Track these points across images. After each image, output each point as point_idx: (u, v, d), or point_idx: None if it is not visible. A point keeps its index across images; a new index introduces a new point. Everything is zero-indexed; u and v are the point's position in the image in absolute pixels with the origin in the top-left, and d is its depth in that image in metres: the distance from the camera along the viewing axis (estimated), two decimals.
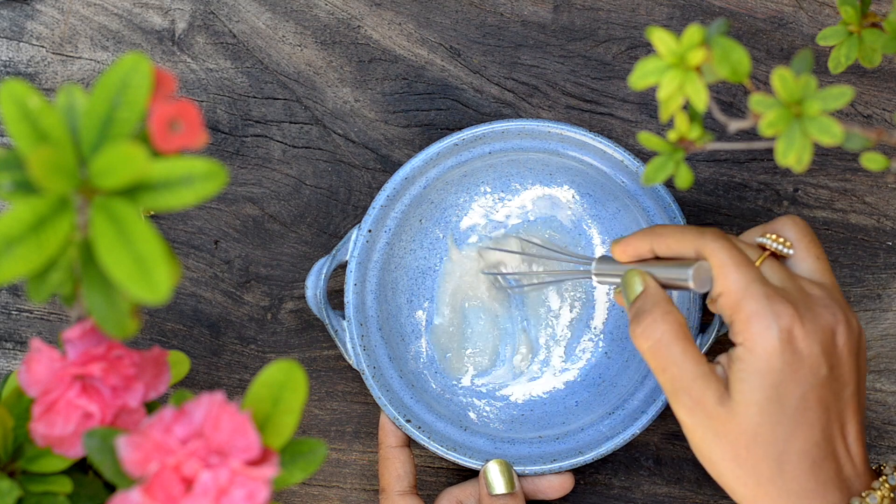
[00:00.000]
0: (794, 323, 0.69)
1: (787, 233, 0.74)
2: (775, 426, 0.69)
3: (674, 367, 0.71)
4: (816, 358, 0.69)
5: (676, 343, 0.71)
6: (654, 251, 0.75)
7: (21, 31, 0.88)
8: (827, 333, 0.70)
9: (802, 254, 0.74)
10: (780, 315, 0.69)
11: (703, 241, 0.72)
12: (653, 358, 0.71)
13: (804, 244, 0.74)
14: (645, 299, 0.73)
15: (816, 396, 0.69)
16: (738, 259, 0.71)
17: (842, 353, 0.70)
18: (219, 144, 0.88)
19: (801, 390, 0.69)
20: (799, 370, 0.69)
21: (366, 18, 0.88)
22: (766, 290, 0.70)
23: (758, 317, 0.69)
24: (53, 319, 0.88)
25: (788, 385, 0.68)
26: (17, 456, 0.67)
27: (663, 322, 0.71)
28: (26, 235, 0.56)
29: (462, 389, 0.87)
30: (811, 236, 0.74)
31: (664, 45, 0.63)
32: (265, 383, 0.63)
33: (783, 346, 0.69)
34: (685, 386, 0.70)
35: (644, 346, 0.72)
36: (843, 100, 0.62)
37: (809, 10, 0.88)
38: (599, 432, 0.84)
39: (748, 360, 0.69)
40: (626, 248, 0.76)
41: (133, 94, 0.58)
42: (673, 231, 0.74)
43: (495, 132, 0.83)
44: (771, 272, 0.72)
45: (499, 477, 0.82)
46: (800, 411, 0.69)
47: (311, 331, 0.88)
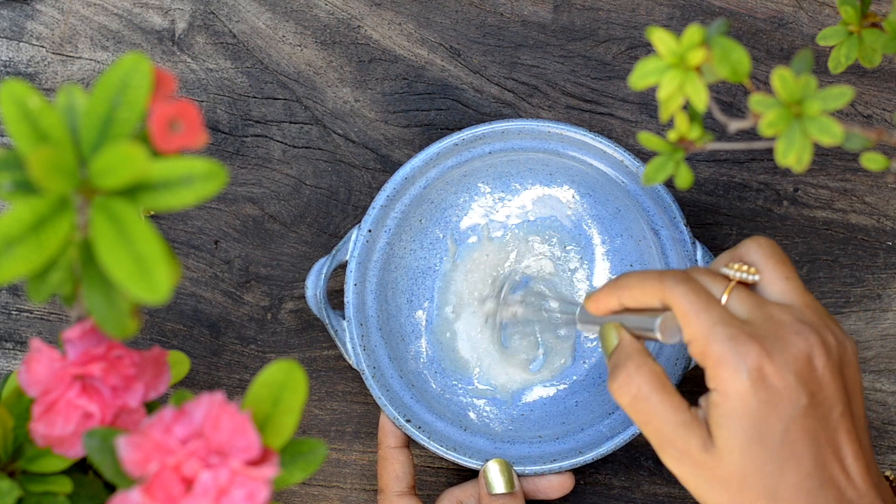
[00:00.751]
0: (763, 360, 0.67)
1: (752, 257, 0.72)
2: (762, 465, 0.68)
3: (655, 418, 0.70)
4: (793, 389, 0.67)
5: (654, 394, 0.70)
6: (623, 304, 0.73)
7: (21, 31, 0.88)
8: (801, 361, 0.68)
9: (770, 276, 0.71)
10: (746, 354, 0.67)
11: (662, 289, 0.70)
12: (633, 412, 0.71)
13: (770, 266, 0.71)
14: (619, 354, 0.72)
15: (800, 427, 0.67)
16: (698, 303, 0.69)
17: (822, 376, 0.68)
18: (219, 144, 0.88)
19: (782, 425, 0.67)
20: (777, 405, 0.67)
21: (366, 18, 0.88)
22: (729, 331, 0.68)
23: (724, 361, 0.67)
24: (53, 319, 0.88)
25: (768, 422, 0.67)
26: (17, 456, 0.67)
27: (638, 375, 0.70)
28: (26, 235, 0.56)
29: (462, 390, 0.87)
30: (778, 256, 0.72)
31: (664, 45, 0.63)
32: (265, 383, 0.63)
33: (755, 386, 0.67)
34: (669, 437, 0.69)
35: (623, 402, 0.71)
36: (843, 100, 0.62)
37: (809, 10, 0.88)
38: (599, 432, 0.84)
39: (723, 404, 0.68)
40: (596, 303, 0.75)
41: (133, 94, 0.58)
42: (636, 281, 0.72)
43: (495, 132, 0.83)
44: (738, 304, 0.70)
45: (499, 477, 0.82)
46: (785, 445, 0.67)
47: (311, 331, 0.88)
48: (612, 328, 0.74)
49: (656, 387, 0.70)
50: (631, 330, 0.73)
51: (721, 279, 0.71)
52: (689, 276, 0.71)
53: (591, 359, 0.87)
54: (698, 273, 0.72)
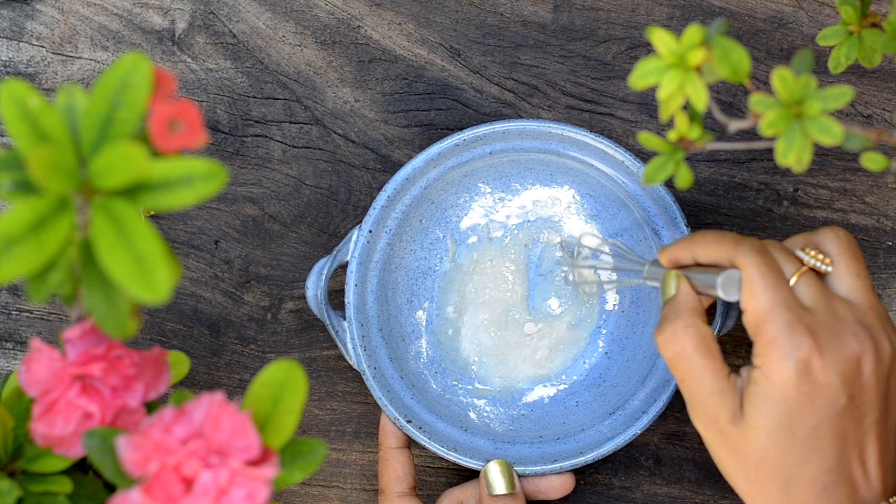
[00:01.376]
0: (813, 354, 0.68)
1: (828, 246, 0.72)
2: (785, 452, 0.68)
3: (692, 380, 0.70)
4: (835, 389, 0.68)
5: (696, 356, 0.70)
6: (695, 258, 0.74)
7: (21, 31, 0.88)
8: (850, 362, 0.68)
9: (842, 270, 0.72)
10: (798, 345, 0.68)
11: (736, 251, 0.70)
12: (674, 367, 0.71)
13: (844, 260, 0.72)
14: (672, 306, 0.73)
15: (831, 426, 0.68)
16: (768, 277, 0.69)
17: (867, 381, 0.69)
18: (219, 144, 0.88)
19: (815, 420, 0.68)
20: (815, 401, 0.68)
21: (366, 18, 0.88)
22: (789, 315, 0.68)
23: (776, 344, 0.68)
24: (53, 319, 0.88)
25: (802, 415, 0.68)
26: (17, 456, 0.67)
27: (685, 334, 0.71)
28: (26, 235, 0.56)
29: (463, 390, 0.87)
30: (853, 252, 0.72)
31: (664, 45, 0.63)
32: (265, 383, 0.63)
33: (799, 378, 0.68)
34: (702, 400, 0.70)
35: (666, 355, 0.72)
36: (843, 100, 0.62)
37: (809, 10, 0.88)
38: (600, 432, 0.84)
39: (763, 385, 0.68)
40: (669, 254, 0.75)
41: (133, 94, 0.58)
42: (712, 238, 0.72)
43: (496, 132, 0.83)
44: (805, 289, 0.70)
45: (499, 477, 0.82)
46: (812, 439, 0.68)
47: (311, 331, 0.88)
48: (675, 276, 0.74)
49: (700, 349, 0.71)
50: (693, 284, 0.73)
51: (794, 260, 0.71)
52: (765, 248, 0.71)
53: (591, 359, 0.87)
54: (774, 247, 0.72)
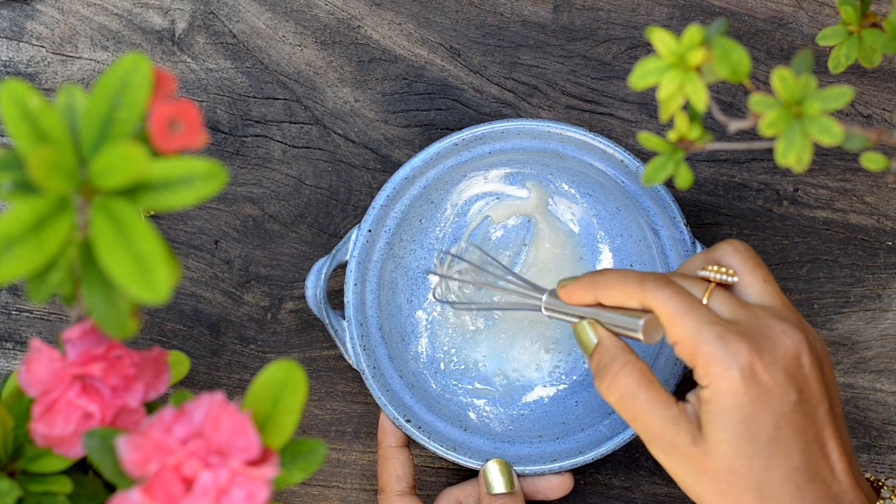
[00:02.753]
0: (753, 357, 0.68)
1: (729, 259, 0.73)
2: (751, 459, 0.69)
3: (643, 415, 0.71)
4: (783, 386, 0.69)
5: (641, 392, 0.71)
6: (597, 299, 0.74)
7: (21, 31, 0.88)
8: (789, 359, 0.69)
9: (748, 279, 0.73)
10: (737, 353, 0.68)
11: (644, 292, 0.71)
12: (622, 410, 0.72)
13: (748, 269, 0.73)
14: (602, 353, 0.73)
15: (789, 423, 0.69)
16: (683, 305, 0.70)
17: (809, 373, 0.70)
18: (219, 144, 0.88)
19: (772, 420, 0.68)
20: (767, 402, 0.68)
21: (366, 18, 0.88)
22: (718, 329, 0.69)
23: (715, 359, 0.68)
24: (53, 319, 0.88)
25: (759, 418, 0.68)
26: (17, 456, 0.67)
27: (623, 374, 0.72)
28: (26, 235, 0.56)
29: (462, 390, 0.87)
30: (754, 259, 0.73)
31: (664, 45, 0.63)
32: (265, 383, 0.63)
33: (747, 383, 0.68)
34: (658, 432, 0.71)
35: (612, 400, 0.72)
36: (843, 100, 0.62)
37: (809, 10, 0.88)
38: (599, 432, 0.84)
39: (714, 401, 0.69)
40: (570, 294, 0.75)
41: (133, 94, 0.58)
42: (616, 280, 0.73)
43: (495, 132, 0.83)
44: (720, 305, 0.71)
45: (498, 476, 0.82)
46: (774, 440, 0.68)
47: (311, 331, 0.88)
48: (589, 325, 0.74)
49: (643, 384, 0.71)
50: (608, 326, 0.74)
51: (699, 282, 0.72)
52: (669, 280, 0.72)
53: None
54: (676, 276, 0.73)
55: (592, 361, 0.74)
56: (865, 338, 0.88)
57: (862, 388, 0.88)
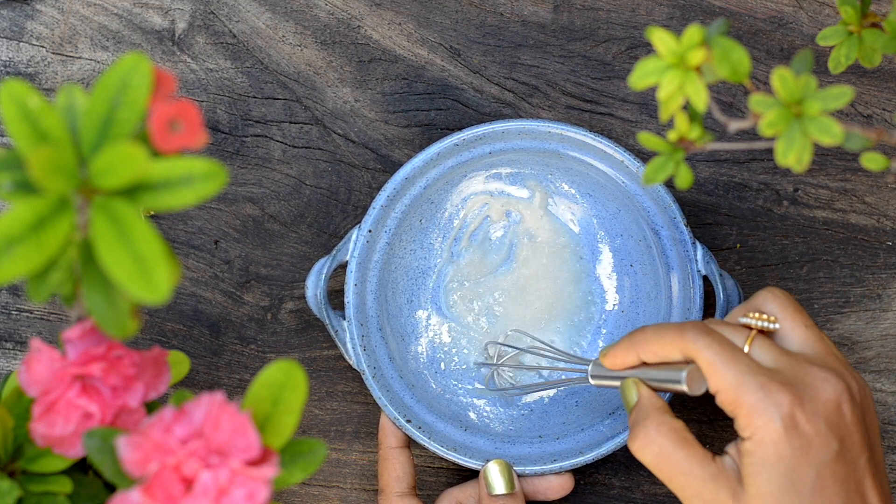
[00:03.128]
0: (795, 407, 0.68)
1: (768, 307, 0.73)
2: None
3: (681, 475, 0.70)
4: (825, 436, 0.68)
5: (677, 451, 0.70)
6: (640, 359, 0.74)
7: (21, 31, 0.88)
8: (830, 408, 0.69)
9: (789, 325, 0.72)
10: (779, 403, 0.68)
11: (684, 342, 0.71)
12: (657, 470, 0.71)
13: (788, 315, 0.73)
14: (638, 412, 0.73)
15: (831, 473, 0.68)
16: (724, 354, 0.70)
17: (850, 423, 0.69)
18: (219, 144, 0.88)
19: (814, 471, 0.68)
20: (809, 452, 0.68)
21: (366, 18, 0.88)
22: (760, 379, 0.69)
23: (758, 410, 0.68)
24: (53, 319, 0.88)
25: (801, 469, 0.68)
26: (17, 456, 0.67)
27: (658, 434, 0.71)
28: (26, 235, 0.56)
29: (462, 390, 0.87)
30: (794, 306, 0.73)
31: (664, 45, 0.63)
32: (265, 383, 0.63)
33: (789, 434, 0.68)
34: (697, 491, 0.70)
35: (646, 460, 0.71)
36: (843, 100, 0.62)
37: (809, 10, 0.88)
38: (599, 432, 0.84)
39: (757, 453, 0.68)
40: (613, 359, 0.75)
41: (133, 94, 0.58)
42: (654, 335, 0.73)
43: (495, 132, 0.83)
44: (762, 353, 0.71)
45: (499, 477, 0.82)
46: (816, 491, 0.68)
47: (311, 331, 0.88)
48: (632, 384, 0.74)
49: (678, 443, 0.71)
50: (651, 384, 0.73)
51: (741, 330, 0.72)
52: (709, 328, 0.71)
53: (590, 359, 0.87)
54: (717, 324, 0.72)
55: (630, 420, 0.74)
56: (865, 338, 0.88)
57: None
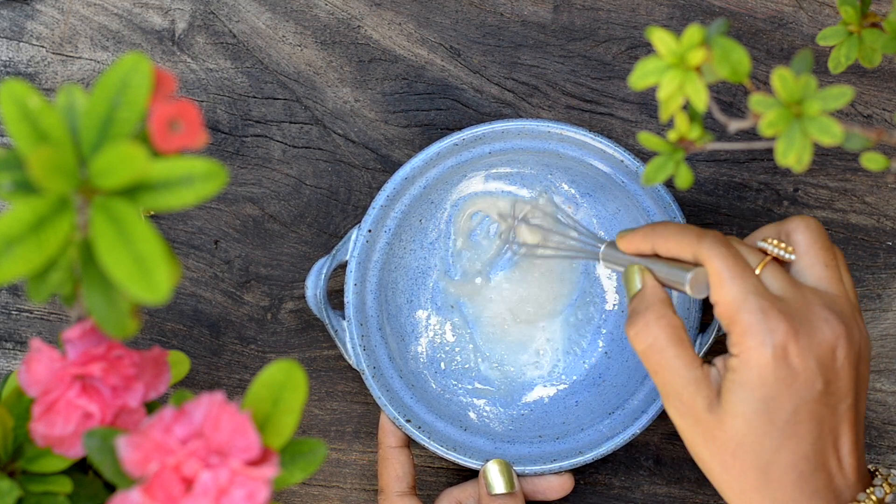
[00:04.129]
0: (789, 339, 0.68)
1: (797, 235, 0.72)
2: (763, 438, 0.68)
3: (666, 371, 0.71)
4: (811, 373, 0.68)
5: (670, 347, 0.71)
6: (655, 250, 0.74)
7: (21, 31, 0.88)
8: (824, 348, 0.69)
9: (810, 260, 0.72)
10: (774, 331, 0.68)
11: (700, 246, 0.71)
12: (646, 360, 0.72)
13: (814, 250, 0.72)
14: (641, 299, 0.73)
15: (809, 411, 0.69)
16: (734, 268, 0.69)
17: (841, 367, 0.69)
18: (219, 144, 0.88)
19: (792, 405, 0.68)
20: (792, 385, 0.68)
21: (366, 18, 0.88)
22: (762, 303, 0.69)
23: (752, 331, 0.68)
24: (53, 319, 0.88)
25: (780, 399, 0.68)
26: (17, 456, 0.67)
27: (657, 326, 0.71)
28: (26, 235, 0.56)
29: (462, 390, 0.87)
30: (822, 241, 0.72)
31: (664, 45, 0.63)
32: (265, 383, 0.63)
33: (777, 362, 0.68)
34: (677, 390, 0.70)
35: (638, 348, 0.72)
36: (843, 100, 0.62)
37: (809, 10, 0.88)
38: (599, 432, 0.84)
39: (741, 371, 0.68)
40: (629, 242, 0.75)
41: (133, 94, 0.58)
42: (674, 232, 0.73)
43: (495, 132, 0.83)
44: (772, 279, 0.71)
45: (498, 477, 0.82)
46: (790, 425, 0.68)
47: (311, 331, 0.88)
48: (638, 270, 0.74)
49: (673, 340, 0.71)
50: (657, 277, 0.73)
51: (757, 252, 0.72)
52: (727, 241, 0.71)
53: (590, 359, 0.87)
54: (736, 242, 0.72)
55: (630, 305, 0.73)
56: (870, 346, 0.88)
57: None
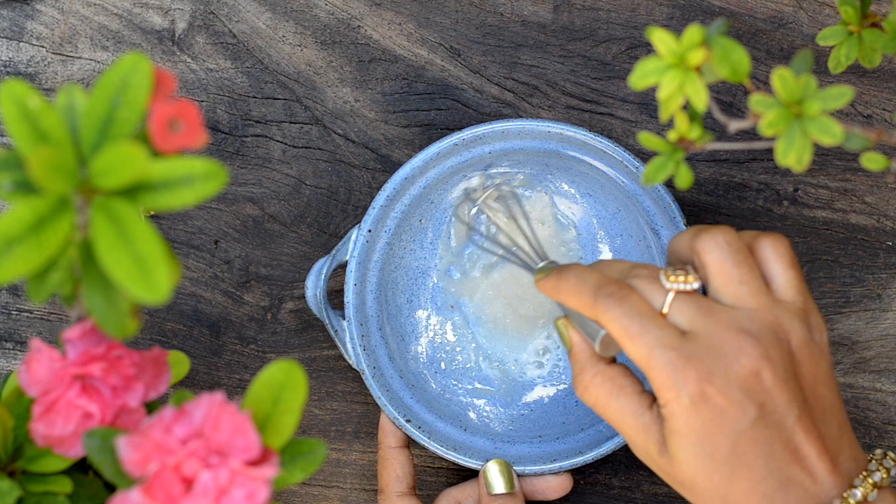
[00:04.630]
0: (703, 384, 0.67)
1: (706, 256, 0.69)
2: (711, 475, 0.68)
3: (616, 423, 0.71)
4: (740, 404, 0.67)
5: (612, 401, 0.71)
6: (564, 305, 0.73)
7: (21, 31, 0.88)
8: (745, 377, 0.67)
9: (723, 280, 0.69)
10: (686, 381, 0.67)
11: (595, 310, 0.70)
12: (600, 414, 0.72)
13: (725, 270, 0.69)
14: (574, 359, 0.73)
15: (749, 439, 0.67)
16: (634, 326, 0.68)
17: (772, 386, 0.67)
18: (219, 144, 0.88)
19: (729, 440, 0.67)
20: (723, 423, 0.67)
21: (366, 18, 0.88)
22: (668, 355, 0.67)
23: (665, 386, 0.68)
24: (53, 319, 0.88)
25: (714, 439, 0.67)
26: (17, 456, 0.67)
27: (593, 384, 0.72)
28: (26, 235, 0.56)
29: (462, 390, 0.87)
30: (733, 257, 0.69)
31: (664, 45, 0.63)
32: (265, 383, 0.63)
33: (697, 408, 0.67)
34: (631, 438, 0.71)
35: (588, 404, 0.73)
36: (843, 100, 0.62)
37: (809, 10, 0.88)
38: (599, 432, 0.84)
39: (671, 420, 0.68)
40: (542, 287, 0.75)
41: (133, 94, 0.58)
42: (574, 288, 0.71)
43: (495, 132, 0.83)
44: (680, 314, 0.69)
45: (498, 477, 0.82)
46: (734, 457, 0.68)
47: (311, 331, 0.88)
48: (562, 326, 0.74)
49: (613, 393, 0.71)
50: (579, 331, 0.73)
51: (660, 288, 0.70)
52: (624, 293, 0.69)
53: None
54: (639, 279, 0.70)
55: (570, 361, 0.74)
56: (865, 338, 0.88)
57: (862, 388, 0.88)
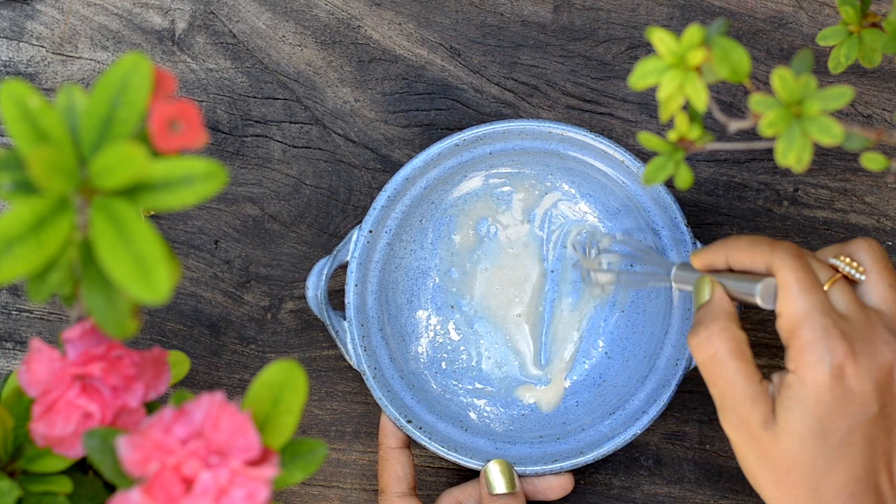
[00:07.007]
0: (848, 360, 0.68)
1: (861, 256, 0.72)
2: (816, 458, 0.68)
3: (724, 383, 0.70)
4: (868, 395, 0.68)
5: (730, 360, 0.71)
6: (729, 264, 0.74)
7: (21, 31, 0.88)
8: (883, 371, 0.69)
9: (875, 279, 0.72)
10: (834, 350, 0.68)
11: (772, 256, 0.71)
12: (705, 371, 0.71)
13: (877, 270, 0.72)
14: (707, 310, 0.73)
15: (863, 433, 0.68)
16: (804, 281, 0.69)
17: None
18: (219, 144, 0.88)
19: (847, 426, 0.68)
20: (848, 406, 0.68)
21: (366, 18, 0.88)
22: (825, 320, 0.69)
23: (812, 348, 0.68)
24: (53, 319, 0.88)
25: (835, 420, 0.68)
26: (17, 456, 0.67)
27: (719, 338, 0.71)
28: (26, 235, 0.56)
29: (463, 390, 0.87)
30: (885, 262, 0.72)
31: (664, 45, 0.63)
32: (265, 383, 0.63)
33: (833, 382, 0.68)
34: (733, 404, 0.70)
35: (698, 359, 0.72)
36: (843, 100, 0.62)
37: (809, 10, 0.88)
38: (600, 432, 0.84)
39: (797, 389, 0.68)
40: (702, 259, 0.75)
41: (133, 94, 0.58)
42: (747, 243, 0.73)
43: (496, 132, 0.83)
44: (839, 297, 0.71)
45: (499, 477, 0.82)
46: (843, 446, 0.68)
47: (311, 331, 0.88)
48: (706, 283, 0.74)
49: (734, 352, 0.71)
50: (728, 290, 0.73)
51: (828, 268, 0.72)
52: (801, 253, 0.71)
53: (591, 359, 0.87)
54: (809, 255, 0.72)
55: (696, 315, 0.73)
56: None
57: None
